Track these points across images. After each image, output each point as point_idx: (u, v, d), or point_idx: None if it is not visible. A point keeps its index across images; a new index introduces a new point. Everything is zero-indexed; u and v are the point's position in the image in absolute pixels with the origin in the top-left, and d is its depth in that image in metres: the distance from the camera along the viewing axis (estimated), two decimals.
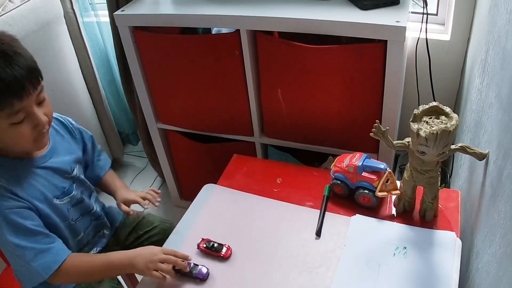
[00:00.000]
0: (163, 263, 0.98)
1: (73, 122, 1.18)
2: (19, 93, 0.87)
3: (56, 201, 1.05)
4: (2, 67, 0.86)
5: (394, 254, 0.99)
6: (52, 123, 1.07)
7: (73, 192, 1.10)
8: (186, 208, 1.19)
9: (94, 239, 1.21)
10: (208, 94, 1.55)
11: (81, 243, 1.16)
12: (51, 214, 1.03)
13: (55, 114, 1.09)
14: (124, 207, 1.18)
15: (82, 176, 1.15)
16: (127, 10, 1.46)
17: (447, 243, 0.99)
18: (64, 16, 1.92)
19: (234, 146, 1.64)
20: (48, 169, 1.04)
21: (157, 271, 0.97)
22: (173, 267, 1.00)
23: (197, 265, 1.01)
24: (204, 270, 1.00)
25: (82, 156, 1.18)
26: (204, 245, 1.06)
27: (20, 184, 0.98)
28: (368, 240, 1.03)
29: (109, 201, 1.29)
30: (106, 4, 1.69)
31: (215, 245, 1.05)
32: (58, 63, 1.90)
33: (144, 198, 1.20)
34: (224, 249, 1.04)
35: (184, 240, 1.10)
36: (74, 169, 1.11)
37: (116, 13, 1.46)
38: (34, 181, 1.01)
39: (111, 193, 1.25)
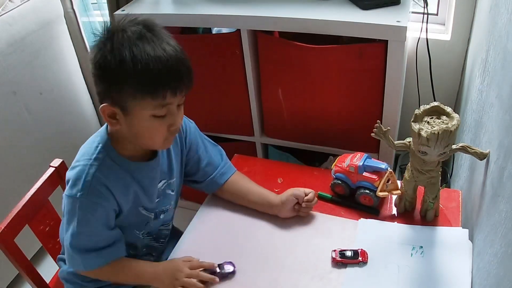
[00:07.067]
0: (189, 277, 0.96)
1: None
2: (174, 87, 0.85)
3: (143, 211, 1.02)
4: (169, 56, 0.83)
5: (412, 254, 0.98)
6: None
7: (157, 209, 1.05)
8: (186, 208, 1.19)
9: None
10: (208, 94, 1.55)
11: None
12: (130, 220, 1.00)
13: None
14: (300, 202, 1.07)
15: (170, 191, 1.08)
16: (128, 10, 1.46)
17: (459, 239, 0.99)
18: (64, 16, 1.92)
19: (235, 146, 1.63)
20: (149, 178, 1.00)
21: (183, 287, 0.96)
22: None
23: (221, 264, 1.00)
24: (231, 268, 0.98)
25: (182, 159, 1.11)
26: (339, 256, 0.99)
27: (118, 187, 0.94)
28: (380, 243, 1.02)
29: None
30: (106, 4, 1.69)
31: (348, 253, 0.98)
32: (58, 63, 1.90)
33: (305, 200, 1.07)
34: (359, 256, 0.98)
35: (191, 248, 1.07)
36: (160, 181, 1.04)
37: (116, 13, 1.46)
38: (134, 187, 0.97)
39: (253, 203, 1.12)
